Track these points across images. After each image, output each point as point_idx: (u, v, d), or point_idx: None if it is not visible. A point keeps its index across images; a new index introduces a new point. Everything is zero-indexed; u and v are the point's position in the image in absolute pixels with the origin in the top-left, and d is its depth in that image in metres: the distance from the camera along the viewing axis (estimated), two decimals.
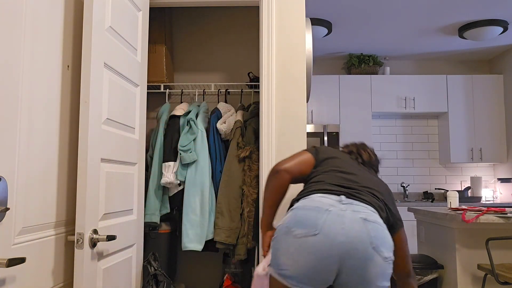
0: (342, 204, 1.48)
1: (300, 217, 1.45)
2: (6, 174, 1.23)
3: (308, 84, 2.35)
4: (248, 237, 2.45)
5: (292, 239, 1.42)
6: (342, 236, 1.38)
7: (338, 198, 1.51)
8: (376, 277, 1.40)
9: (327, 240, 1.38)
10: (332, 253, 1.37)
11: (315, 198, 1.52)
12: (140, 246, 2.08)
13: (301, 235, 1.40)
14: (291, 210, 1.53)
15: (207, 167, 2.50)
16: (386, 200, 1.62)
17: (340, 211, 1.44)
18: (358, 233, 1.39)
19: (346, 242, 1.38)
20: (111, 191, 1.72)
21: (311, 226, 1.41)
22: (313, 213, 1.44)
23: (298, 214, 1.47)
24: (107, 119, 1.67)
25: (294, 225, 1.44)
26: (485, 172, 5.42)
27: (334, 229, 1.39)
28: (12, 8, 1.26)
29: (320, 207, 1.46)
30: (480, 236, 2.71)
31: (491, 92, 5.16)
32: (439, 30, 4.52)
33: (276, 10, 2.28)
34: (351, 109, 5.15)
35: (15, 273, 1.26)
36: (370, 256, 1.39)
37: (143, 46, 2.12)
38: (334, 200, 1.49)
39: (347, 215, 1.43)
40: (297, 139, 2.23)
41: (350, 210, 1.45)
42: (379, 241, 1.41)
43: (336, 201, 1.49)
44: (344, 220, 1.41)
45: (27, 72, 1.34)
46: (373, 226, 1.43)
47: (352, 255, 1.38)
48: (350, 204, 1.48)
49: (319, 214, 1.43)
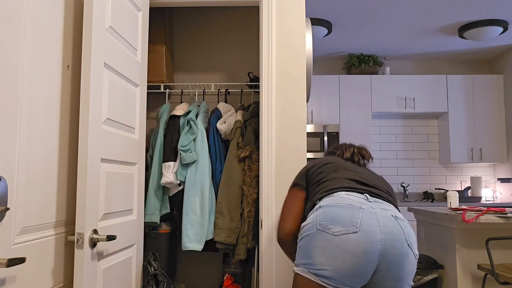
0: (369, 202, 1.46)
1: (334, 215, 1.40)
2: (6, 174, 1.23)
3: (308, 84, 2.35)
4: (248, 237, 2.45)
5: (329, 237, 1.36)
6: (380, 233, 1.36)
7: (363, 196, 1.50)
8: (409, 275, 1.40)
9: (367, 238, 1.35)
10: (373, 250, 1.34)
11: (343, 196, 1.48)
12: (140, 246, 2.08)
13: (340, 233, 1.35)
14: (320, 208, 1.47)
15: (207, 167, 2.50)
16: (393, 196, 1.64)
17: (371, 208, 1.42)
18: (394, 230, 1.39)
19: (385, 239, 1.36)
20: (111, 191, 1.71)
21: (349, 223, 1.37)
22: (347, 210, 1.40)
23: (330, 211, 1.42)
24: (107, 119, 1.67)
25: (329, 222, 1.38)
26: (485, 172, 5.42)
27: (372, 226, 1.37)
28: (12, 8, 1.26)
29: (353, 205, 1.42)
30: (480, 236, 2.71)
31: (491, 92, 5.16)
32: (439, 30, 4.52)
33: (276, 10, 2.28)
34: (351, 109, 5.15)
35: (15, 273, 1.26)
36: (406, 252, 1.38)
37: (143, 46, 2.12)
38: (361, 199, 1.48)
39: (379, 212, 1.42)
40: (297, 139, 2.23)
41: (379, 208, 1.44)
42: (412, 238, 1.42)
43: (363, 198, 1.48)
44: (378, 218, 1.40)
45: (27, 72, 1.34)
46: (403, 223, 1.44)
47: (390, 252, 1.36)
48: (375, 202, 1.48)
49: (354, 212, 1.39)
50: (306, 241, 1.42)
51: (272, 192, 2.18)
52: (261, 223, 2.18)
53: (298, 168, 2.22)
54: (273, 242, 2.16)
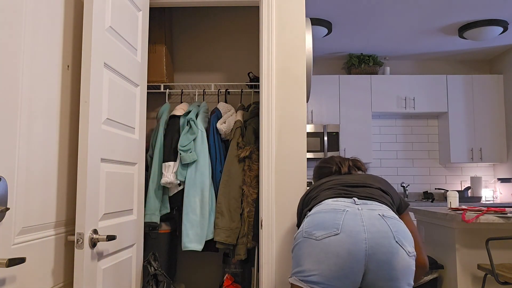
0: (356, 204, 1.48)
1: (318, 220, 1.42)
2: (6, 174, 1.23)
3: (308, 84, 2.35)
4: (248, 237, 2.45)
5: (313, 242, 1.38)
6: (363, 232, 1.36)
7: (351, 200, 1.51)
8: (403, 273, 1.37)
9: (350, 238, 1.35)
10: (357, 249, 1.34)
11: (329, 202, 1.51)
12: (140, 246, 2.08)
13: (322, 236, 1.37)
14: (306, 216, 1.50)
15: (207, 167, 2.50)
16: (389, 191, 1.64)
17: (356, 210, 1.43)
18: (379, 228, 1.38)
19: (370, 238, 1.36)
20: (111, 191, 1.71)
21: (331, 226, 1.38)
22: (330, 214, 1.42)
23: (315, 218, 1.45)
24: (107, 119, 1.67)
25: (313, 228, 1.41)
26: (485, 172, 5.42)
27: (355, 226, 1.37)
28: (12, 8, 1.26)
29: (337, 209, 1.44)
30: (480, 236, 2.71)
31: (491, 92, 5.16)
32: (439, 30, 4.52)
33: (276, 10, 2.28)
34: (351, 109, 5.15)
35: (15, 273, 1.26)
36: (395, 249, 1.36)
37: (143, 46, 2.12)
38: (348, 202, 1.49)
39: (364, 213, 1.42)
40: (297, 139, 2.23)
41: (366, 208, 1.45)
42: (401, 235, 1.40)
43: (350, 202, 1.49)
44: (362, 218, 1.40)
45: (27, 72, 1.34)
46: (392, 221, 1.42)
47: (377, 250, 1.35)
48: (364, 204, 1.48)
49: (337, 215, 1.41)
50: (296, 250, 1.45)
51: (272, 192, 2.18)
52: (261, 223, 2.18)
53: (298, 168, 2.21)
54: (273, 242, 2.16)
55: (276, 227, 2.18)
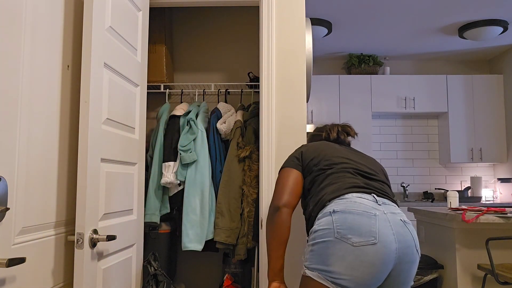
0: (379, 205, 1.48)
1: (352, 223, 1.39)
2: (6, 174, 1.23)
3: (308, 84, 2.35)
4: (248, 237, 2.45)
5: (349, 247, 1.36)
6: (395, 242, 1.40)
7: (372, 198, 1.50)
8: (413, 277, 1.49)
9: (385, 249, 1.37)
10: (389, 260, 1.38)
11: (355, 200, 1.47)
12: (140, 246, 2.08)
13: (360, 244, 1.36)
14: (334, 213, 1.44)
15: (207, 167, 2.50)
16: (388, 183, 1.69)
17: (383, 214, 1.44)
18: (405, 238, 1.43)
19: (399, 248, 1.41)
20: (111, 191, 1.71)
21: (368, 233, 1.37)
22: (364, 219, 1.40)
23: (348, 219, 1.40)
24: (107, 119, 1.67)
25: (348, 232, 1.38)
26: (485, 172, 5.42)
27: (388, 236, 1.39)
28: (12, 8, 1.26)
29: (367, 211, 1.42)
30: (480, 236, 2.71)
31: (491, 92, 5.16)
32: (439, 30, 4.52)
33: (276, 10, 2.28)
34: (351, 109, 5.15)
35: (15, 273, 1.26)
36: (415, 258, 1.45)
37: (143, 46, 2.12)
38: (371, 201, 1.48)
39: (390, 218, 1.44)
40: (297, 139, 2.23)
41: (389, 212, 1.46)
42: (417, 242, 1.48)
43: (373, 201, 1.48)
44: (391, 226, 1.42)
45: (27, 72, 1.34)
46: (411, 228, 1.48)
47: (403, 260, 1.42)
48: (384, 204, 1.50)
49: (371, 221, 1.40)
50: (322, 247, 1.40)
51: (272, 192, 2.18)
52: (261, 223, 2.18)
53: None
54: None
55: None
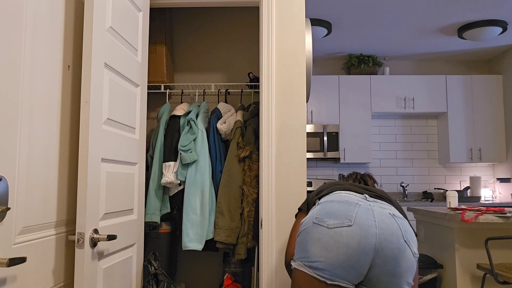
0: (368, 201, 1.50)
1: (331, 209, 1.43)
2: (7, 174, 1.23)
3: (308, 84, 2.36)
4: (248, 236, 2.46)
5: (324, 230, 1.39)
6: (375, 227, 1.38)
7: (363, 196, 1.53)
8: (406, 272, 1.41)
9: (362, 231, 1.37)
10: (367, 243, 1.36)
11: (341, 194, 1.53)
12: (140, 245, 2.08)
13: (334, 225, 1.38)
14: (318, 204, 1.51)
15: (207, 167, 2.50)
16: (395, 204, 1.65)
17: (368, 205, 1.45)
18: (390, 226, 1.41)
19: (380, 233, 1.38)
20: (112, 191, 1.72)
21: (344, 217, 1.40)
22: (344, 205, 1.44)
23: (327, 206, 1.46)
24: (107, 119, 1.68)
25: (325, 216, 1.42)
26: (484, 172, 5.43)
27: (367, 220, 1.39)
28: (13, 9, 1.27)
29: (349, 201, 1.46)
30: (480, 236, 2.71)
31: (490, 92, 5.17)
32: (438, 30, 4.53)
33: (276, 11, 2.29)
34: (350, 109, 5.16)
35: (15, 272, 1.27)
36: (403, 248, 1.40)
37: (144, 46, 2.12)
38: (359, 197, 1.51)
39: (376, 209, 1.44)
40: (297, 139, 2.24)
41: (377, 206, 1.47)
42: (409, 236, 1.43)
43: (362, 198, 1.51)
44: (374, 214, 1.42)
45: (28, 73, 1.34)
46: (401, 221, 1.45)
47: (386, 246, 1.38)
48: (374, 201, 1.51)
49: (351, 207, 1.43)
50: (303, 235, 1.45)
51: (272, 192, 2.18)
52: (261, 222, 2.18)
53: (298, 168, 2.22)
54: (273, 242, 2.17)
55: (276, 226, 2.18)
